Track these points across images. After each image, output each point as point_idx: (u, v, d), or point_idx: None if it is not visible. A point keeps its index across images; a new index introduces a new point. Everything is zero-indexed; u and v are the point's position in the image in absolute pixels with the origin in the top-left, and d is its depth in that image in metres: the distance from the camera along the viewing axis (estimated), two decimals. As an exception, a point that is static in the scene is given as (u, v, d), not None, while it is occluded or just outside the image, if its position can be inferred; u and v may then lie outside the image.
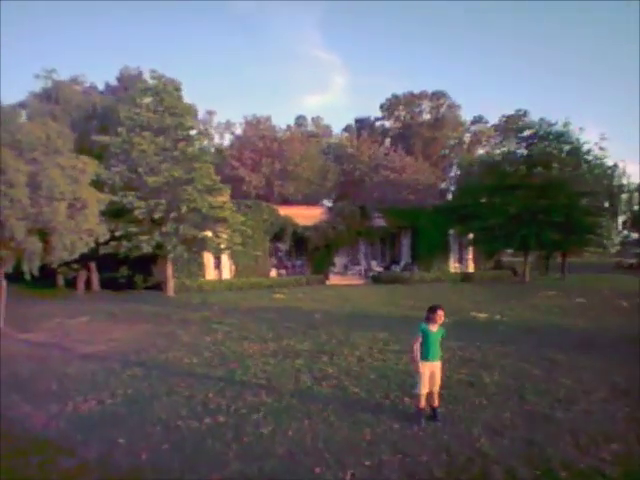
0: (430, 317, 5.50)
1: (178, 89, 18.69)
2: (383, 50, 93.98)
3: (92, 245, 12.85)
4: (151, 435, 5.21)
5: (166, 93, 18.29)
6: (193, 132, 18.88)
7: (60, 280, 23.24)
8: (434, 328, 5.48)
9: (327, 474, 4.33)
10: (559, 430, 5.33)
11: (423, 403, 5.54)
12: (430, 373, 5.51)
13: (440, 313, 5.47)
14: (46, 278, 21.85)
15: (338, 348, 9.51)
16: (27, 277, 13.04)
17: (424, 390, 5.48)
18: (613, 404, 6.26)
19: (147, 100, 18.25)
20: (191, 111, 19.91)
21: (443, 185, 45.69)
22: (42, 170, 12.23)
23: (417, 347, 5.47)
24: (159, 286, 21.19)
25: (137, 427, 5.43)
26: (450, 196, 44.74)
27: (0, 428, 5.43)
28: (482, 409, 6.00)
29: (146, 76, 22.49)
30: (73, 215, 12.46)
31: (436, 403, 5.62)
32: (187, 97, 19.59)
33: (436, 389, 5.60)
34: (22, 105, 26.99)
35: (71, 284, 22.45)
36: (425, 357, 5.46)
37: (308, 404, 6.15)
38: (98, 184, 15.62)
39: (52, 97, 24.80)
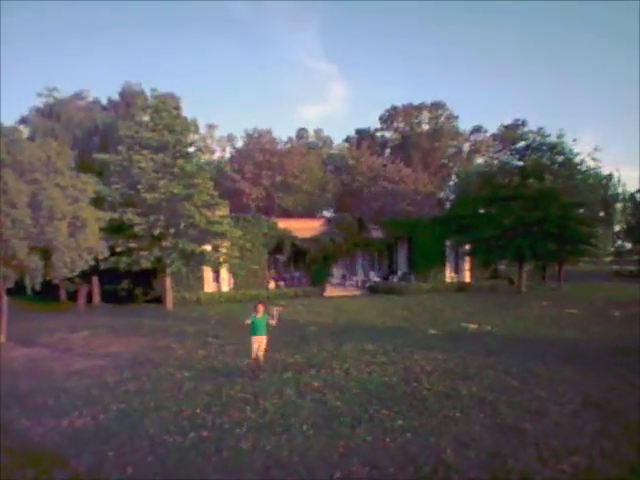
0: (255, 309, 8.90)
1: (177, 107, 19.24)
2: (382, 60, 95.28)
3: (92, 262, 13.27)
4: (138, 449, 5.55)
5: (165, 111, 18.82)
6: (192, 149, 19.36)
7: (63, 294, 23.70)
8: (259, 316, 8.78)
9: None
10: (525, 442, 5.64)
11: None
12: (258, 344, 8.71)
13: (259, 306, 8.91)
14: (49, 291, 22.36)
15: (327, 361, 9.85)
16: (28, 292, 13.54)
17: (253, 356, 8.75)
18: (583, 417, 6.55)
19: (146, 118, 18.79)
20: (191, 127, 20.38)
21: (442, 194, 45.99)
22: (42, 190, 12.69)
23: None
24: (159, 299, 21.52)
25: (126, 442, 5.78)
26: (448, 205, 45.14)
27: (0, 441, 5.80)
28: (454, 422, 6.31)
29: (148, 93, 23.09)
30: (73, 233, 12.90)
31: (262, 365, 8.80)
32: (188, 111, 20.14)
33: (261, 354, 8.75)
34: (24, 121, 27.73)
35: (74, 297, 22.88)
36: (253, 333, 8.73)
37: (289, 418, 6.48)
38: (99, 200, 16.10)
39: (54, 114, 25.46)
